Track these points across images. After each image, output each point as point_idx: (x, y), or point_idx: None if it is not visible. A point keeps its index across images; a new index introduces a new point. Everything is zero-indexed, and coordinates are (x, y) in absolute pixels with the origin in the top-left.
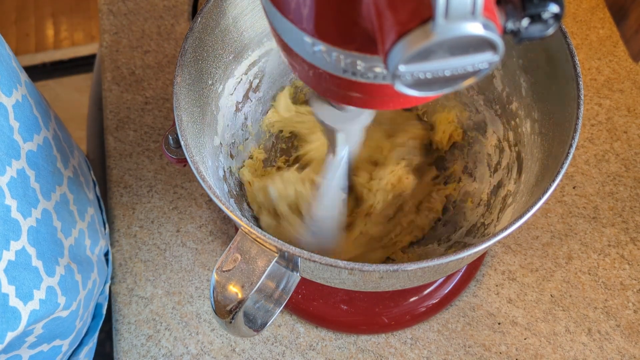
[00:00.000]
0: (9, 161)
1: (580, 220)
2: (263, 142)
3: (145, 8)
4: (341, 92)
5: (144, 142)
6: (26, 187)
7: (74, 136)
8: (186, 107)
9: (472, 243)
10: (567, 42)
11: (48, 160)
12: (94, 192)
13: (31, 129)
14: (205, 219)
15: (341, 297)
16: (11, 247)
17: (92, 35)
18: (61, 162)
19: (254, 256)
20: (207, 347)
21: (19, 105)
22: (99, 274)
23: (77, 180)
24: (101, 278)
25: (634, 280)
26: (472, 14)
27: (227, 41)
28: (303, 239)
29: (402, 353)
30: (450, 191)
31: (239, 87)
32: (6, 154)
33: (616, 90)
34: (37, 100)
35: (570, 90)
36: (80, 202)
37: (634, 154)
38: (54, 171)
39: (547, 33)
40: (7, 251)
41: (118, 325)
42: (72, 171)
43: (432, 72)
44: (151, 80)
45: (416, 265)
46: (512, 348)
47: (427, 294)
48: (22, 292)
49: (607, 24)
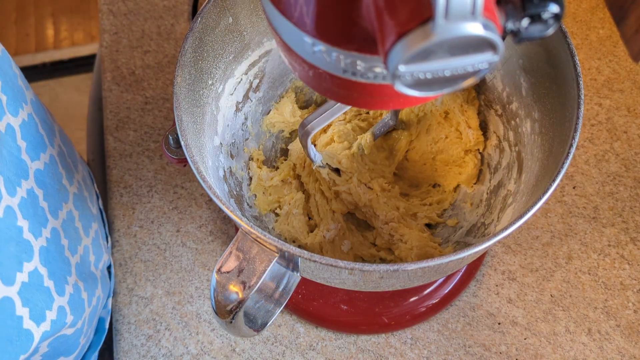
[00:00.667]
0: (19, 182)
1: (580, 220)
2: (263, 142)
3: (145, 8)
4: (341, 92)
5: (144, 142)
6: (36, 206)
7: (74, 136)
8: (186, 107)
9: (472, 243)
10: (567, 42)
11: (54, 178)
12: (97, 206)
13: (37, 148)
14: (205, 219)
15: (341, 297)
16: (24, 269)
17: (92, 35)
18: (66, 179)
19: (254, 256)
20: (207, 347)
21: (25, 125)
22: (103, 289)
23: (81, 196)
24: (104, 293)
25: (634, 280)
26: (472, 14)
27: (227, 41)
28: None
29: (402, 353)
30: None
31: (239, 87)
32: (15, 175)
33: (616, 90)
34: (42, 117)
35: (570, 90)
36: (85, 218)
37: (634, 154)
38: (60, 189)
39: (547, 33)
40: (21, 273)
41: (118, 325)
42: (77, 187)
43: (432, 72)
44: (151, 80)
45: (416, 265)
46: (512, 348)
47: (427, 294)
48: (35, 314)
49: (607, 24)
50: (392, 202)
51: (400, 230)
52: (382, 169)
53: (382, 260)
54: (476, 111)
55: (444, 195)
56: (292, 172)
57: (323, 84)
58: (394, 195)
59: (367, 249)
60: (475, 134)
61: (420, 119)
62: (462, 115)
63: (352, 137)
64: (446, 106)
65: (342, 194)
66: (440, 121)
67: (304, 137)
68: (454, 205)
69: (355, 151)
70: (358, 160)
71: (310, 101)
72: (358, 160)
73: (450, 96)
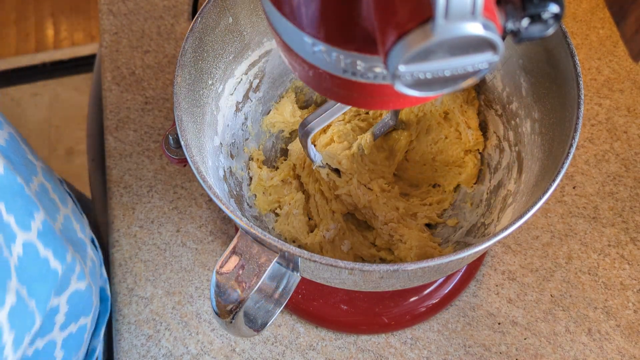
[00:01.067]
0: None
1: (580, 220)
2: (263, 142)
3: (145, 8)
4: (341, 92)
5: (144, 142)
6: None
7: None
8: (186, 107)
9: (472, 243)
10: (567, 42)
11: (18, 154)
12: (64, 188)
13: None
14: (205, 219)
15: (341, 297)
16: (36, 218)
17: (92, 35)
18: (31, 155)
19: (254, 256)
20: (207, 347)
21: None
22: (95, 255)
23: (49, 170)
24: (97, 259)
25: (634, 280)
26: (472, 14)
27: (227, 41)
28: None
29: (402, 353)
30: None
31: (239, 87)
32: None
33: (616, 90)
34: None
35: (570, 90)
36: (59, 191)
37: (634, 154)
38: (26, 163)
39: (547, 33)
40: (34, 222)
41: (118, 325)
42: (42, 162)
43: (432, 72)
44: (151, 80)
45: (416, 265)
46: (512, 348)
47: (427, 294)
48: (57, 255)
49: (607, 24)
50: (392, 202)
51: (400, 230)
52: (382, 170)
53: (382, 260)
54: (476, 111)
55: (444, 195)
56: (292, 172)
57: (323, 84)
58: (394, 195)
59: (367, 249)
60: (474, 134)
61: (419, 119)
62: (462, 115)
63: (352, 137)
64: (446, 106)
65: (341, 195)
66: (440, 121)
67: (304, 137)
68: (454, 205)
69: (355, 151)
70: (358, 160)
71: (310, 101)
72: (358, 161)
73: (449, 96)
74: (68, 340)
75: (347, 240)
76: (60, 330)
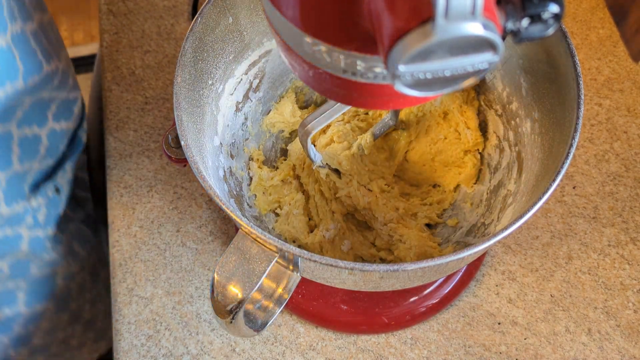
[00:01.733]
0: None
1: (580, 220)
2: (263, 142)
3: (145, 8)
4: (341, 92)
5: (144, 142)
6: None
7: None
8: (186, 107)
9: (472, 243)
10: (567, 42)
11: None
12: None
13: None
14: (205, 219)
15: (341, 297)
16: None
17: (92, 35)
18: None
19: (254, 256)
20: (207, 347)
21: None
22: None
23: None
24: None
25: (634, 280)
26: (472, 14)
27: (227, 41)
28: None
29: (402, 353)
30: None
31: (239, 87)
32: None
33: (616, 90)
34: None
35: (570, 90)
36: None
37: (634, 154)
38: None
39: (547, 33)
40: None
41: (118, 325)
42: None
43: (432, 72)
44: (151, 80)
45: (416, 265)
46: (512, 348)
47: (427, 294)
48: None
49: (607, 24)
50: (392, 202)
51: (400, 230)
52: (382, 170)
53: (382, 260)
54: (475, 112)
55: (443, 195)
56: (292, 172)
57: (323, 84)
58: (394, 195)
59: (367, 249)
60: (473, 134)
61: (419, 120)
62: (461, 115)
63: (352, 137)
64: (445, 107)
65: (341, 197)
66: (439, 122)
67: (304, 137)
68: (454, 205)
69: (355, 151)
70: (358, 161)
71: (310, 101)
72: (358, 161)
73: (449, 97)
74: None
75: (347, 240)
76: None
